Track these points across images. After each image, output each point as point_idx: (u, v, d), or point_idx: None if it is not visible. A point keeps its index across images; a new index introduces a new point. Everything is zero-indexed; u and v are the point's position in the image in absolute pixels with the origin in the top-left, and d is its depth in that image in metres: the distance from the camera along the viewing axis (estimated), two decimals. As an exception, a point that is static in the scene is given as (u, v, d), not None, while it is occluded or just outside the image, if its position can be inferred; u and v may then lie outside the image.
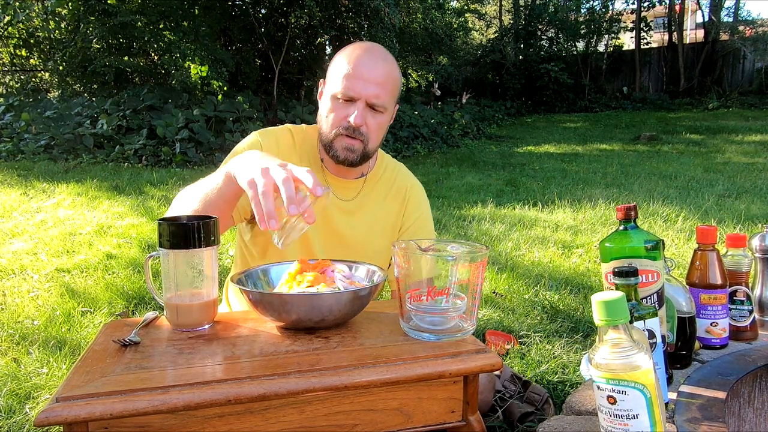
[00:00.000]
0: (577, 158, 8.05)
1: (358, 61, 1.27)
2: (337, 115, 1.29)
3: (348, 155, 1.30)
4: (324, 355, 0.88)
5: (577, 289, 2.76)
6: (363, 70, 1.26)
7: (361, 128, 1.28)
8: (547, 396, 1.67)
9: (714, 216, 4.21)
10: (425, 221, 1.50)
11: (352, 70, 1.26)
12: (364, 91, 1.26)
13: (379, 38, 9.80)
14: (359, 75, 1.26)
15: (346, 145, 1.30)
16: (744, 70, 15.23)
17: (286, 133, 1.42)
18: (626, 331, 0.74)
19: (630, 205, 1.01)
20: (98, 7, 8.89)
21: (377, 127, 1.31)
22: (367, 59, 1.28)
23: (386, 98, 1.29)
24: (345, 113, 1.28)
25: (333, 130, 1.30)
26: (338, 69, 1.29)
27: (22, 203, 4.54)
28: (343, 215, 1.40)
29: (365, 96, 1.26)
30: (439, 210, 4.74)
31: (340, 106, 1.29)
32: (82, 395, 0.75)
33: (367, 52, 1.29)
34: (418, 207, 1.49)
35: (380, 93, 1.27)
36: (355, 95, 1.26)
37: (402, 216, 1.47)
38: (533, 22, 16.51)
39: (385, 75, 1.28)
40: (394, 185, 1.48)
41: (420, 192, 1.52)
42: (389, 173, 1.49)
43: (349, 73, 1.26)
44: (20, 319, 2.43)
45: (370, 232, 1.43)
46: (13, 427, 1.63)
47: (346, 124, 1.28)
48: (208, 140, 7.54)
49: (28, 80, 11.80)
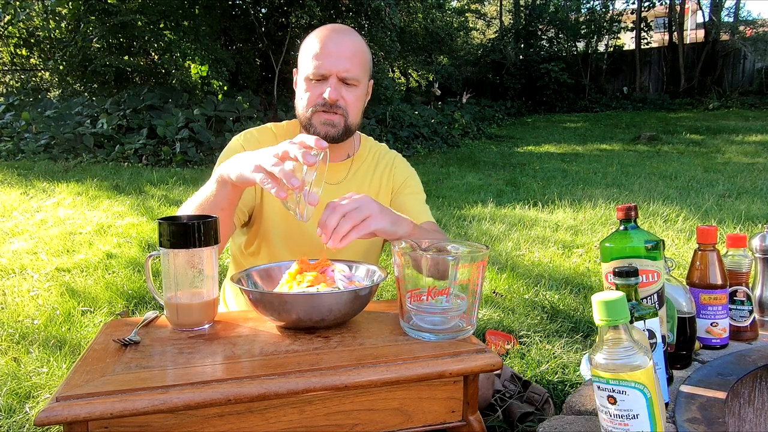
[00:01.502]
0: (578, 158, 8.05)
1: (325, 40, 1.29)
2: (312, 94, 1.31)
3: (329, 130, 1.31)
4: (324, 355, 0.88)
5: (577, 289, 2.76)
6: (331, 47, 1.28)
7: (339, 102, 1.30)
8: (547, 396, 1.66)
9: (714, 216, 4.21)
10: (410, 182, 1.51)
11: (320, 49, 1.28)
12: (334, 67, 1.28)
13: (380, 38, 9.81)
14: (327, 52, 1.28)
15: (324, 120, 1.31)
16: (744, 70, 15.23)
17: (267, 132, 1.44)
18: (626, 331, 0.74)
19: (630, 205, 1.01)
20: (98, 6, 8.89)
21: (355, 100, 1.33)
22: (333, 36, 1.30)
23: (357, 71, 1.31)
24: (319, 91, 1.30)
25: (309, 109, 1.31)
26: (307, 52, 1.31)
27: (22, 203, 4.54)
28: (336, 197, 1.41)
29: (336, 71, 1.28)
30: (440, 210, 4.74)
31: (314, 86, 1.31)
32: (82, 395, 0.75)
33: (332, 30, 1.31)
34: (401, 172, 1.51)
35: (350, 67, 1.29)
36: (326, 72, 1.28)
37: (391, 180, 1.50)
38: (534, 22, 16.51)
39: (353, 49, 1.30)
40: (380, 161, 1.51)
41: (403, 161, 1.55)
42: (374, 152, 1.52)
43: (318, 52, 1.29)
44: (20, 318, 2.43)
45: None
46: (13, 427, 1.63)
47: (322, 101, 1.29)
48: (208, 140, 7.54)
49: (29, 79, 11.80)
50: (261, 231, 1.40)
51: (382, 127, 9.36)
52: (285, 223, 1.38)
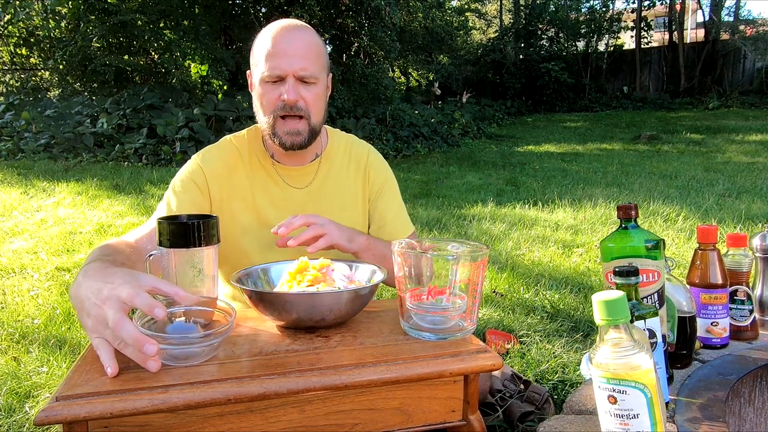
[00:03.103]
0: (578, 158, 8.05)
1: (277, 38, 1.23)
2: (270, 97, 1.25)
3: (294, 139, 1.26)
4: (324, 355, 0.88)
5: (578, 288, 2.76)
6: (284, 46, 1.22)
7: (299, 103, 1.25)
8: (548, 395, 1.66)
9: (714, 215, 4.21)
10: (389, 186, 1.47)
11: (273, 48, 1.22)
12: (290, 67, 1.22)
13: (380, 37, 9.81)
14: (281, 52, 1.22)
15: (288, 130, 1.26)
16: (744, 69, 15.22)
17: (228, 146, 1.38)
18: (627, 331, 0.73)
19: (630, 205, 1.01)
20: (98, 5, 8.89)
21: (315, 99, 1.27)
22: (285, 34, 1.24)
23: (314, 68, 1.25)
24: (277, 93, 1.24)
25: (270, 115, 1.26)
26: (259, 52, 1.25)
27: (22, 202, 4.54)
28: (309, 202, 1.37)
29: (292, 71, 1.22)
30: (440, 209, 4.74)
31: (271, 88, 1.24)
32: (82, 394, 0.75)
33: (283, 28, 1.25)
34: (378, 175, 1.45)
35: (306, 65, 1.23)
36: (282, 72, 1.22)
37: (368, 183, 1.44)
38: (534, 22, 16.51)
39: (307, 45, 1.24)
40: (352, 157, 1.45)
41: (377, 157, 1.48)
42: (343, 146, 1.45)
43: (270, 51, 1.23)
44: (20, 317, 2.43)
45: (343, 209, 1.40)
46: (13, 426, 1.63)
47: (281, 103, 1.23)
48: (208, 139, 7.53)
49: (29, 79, 11.79)
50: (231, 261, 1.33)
51: (382, 127, 9.36)
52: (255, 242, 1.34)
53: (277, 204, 1.36)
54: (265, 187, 1.36)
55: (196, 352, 0.84)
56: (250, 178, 1.36)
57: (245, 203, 1.35)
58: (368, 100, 9.99)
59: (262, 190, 1.36)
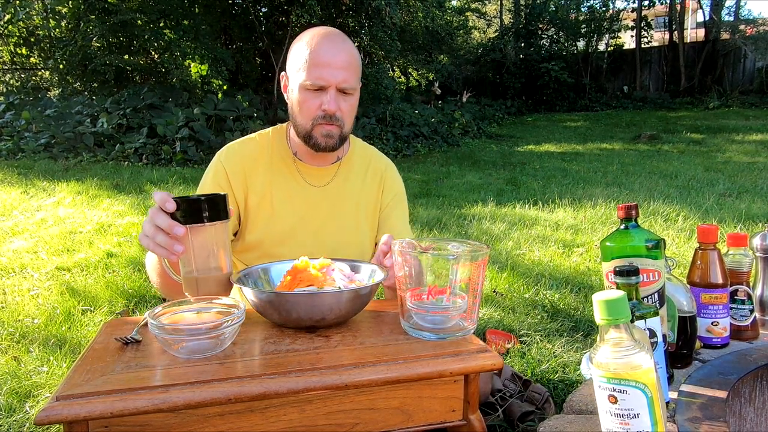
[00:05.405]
0: (578, 157, 8.05)
1: (321, 49, 1.28)
2: (311, 105, 1.31)
3: (328, 141, 1.33)
4: (324, 354, 0.88)
5: (578, 288, 2.76)
6: (328, 57, 1.27)
7: (337, 113, 1.31)
8: (548, 395, 1.66)
9: (715, 215, 4.20)
10: (400, 200, 1.55)
11: (317, 58, 1.27)
12: (333, 78, 1.28)
13: (380, 37, 9.80)
14: (325, 62, 1.27)
15: (324, 132, 1.32)
16: (745, 69, 15.21)
17: (250, 142, 1.44)
18: (627, 331, 0.73)
19: (631, 204, 1.01)
20: (98, 5, 8.89)
21: (350, 110, 1.35)
22: (328, 45, 1.29)
23: (353, 80, 1.32)
24: (318, 102, 1.30)
25: (310, 121, 1.32)
26: (300, 58, 1.30)
27: (22, 202, 4.54)
28: (325, 200, 1.44)
29: (335, 82, 1.28)
30: (440, 209, 4.74)
31: (312, 96, 1.30)
32: (83, 394, 0.75)
33: (325, 37, 1.30)
34: (392, 187, 1.54)
35: (348, 77, 1.29)
36: (325, 83, 1.28)
37: (381, 195, 1.52)
38: (534, 21, 16.49)
39: (349, 58, 1.30)
40: (370, 167, 1.52)
41: (394, 172, 1.57)
42: (364, 155, 1.53)
43: (314, 61, 1.27)
44: (20, 317, 2.43)
45: (356, 211, 1.47)
46: (14, 426, 1.63)
47: (322, 113, 1.30)
48: (208, 139, 7.53)
49: (29, 79, 11.79)
50: (249, 246, 1.41)
51: (382, 126, 9.35)
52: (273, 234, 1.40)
53: (293, 199, 1.41)
54: (284, 181, 1.42)
55: (206, 344, 0.87)
56: (270, 172, 1.41)
57: (262, 196, 1.40)
58: (368, 99, 9.99)
59: (280, 184, 1.41)
